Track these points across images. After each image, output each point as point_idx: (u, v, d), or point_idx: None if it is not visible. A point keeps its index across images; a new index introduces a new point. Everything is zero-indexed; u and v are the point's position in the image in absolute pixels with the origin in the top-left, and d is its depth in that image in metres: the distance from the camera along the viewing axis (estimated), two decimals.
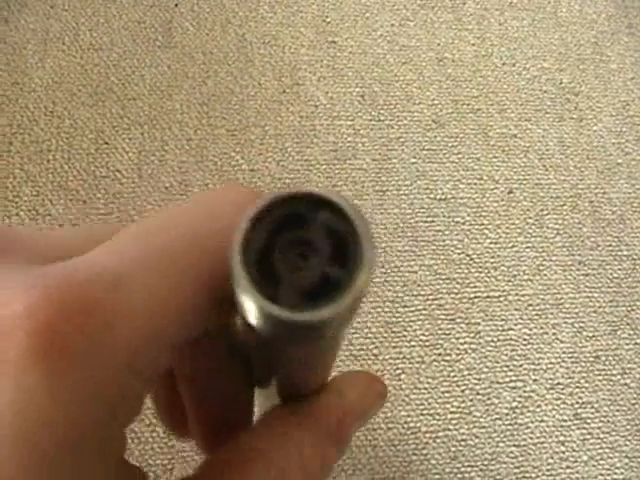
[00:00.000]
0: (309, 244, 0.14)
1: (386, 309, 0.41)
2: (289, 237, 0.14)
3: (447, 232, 0.44)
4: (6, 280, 0.14)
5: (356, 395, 0.22)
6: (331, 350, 0.18)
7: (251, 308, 0.13)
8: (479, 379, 0.40)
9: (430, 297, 0.42)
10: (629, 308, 0.43)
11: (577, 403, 0.40)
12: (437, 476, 0.38)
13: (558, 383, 0.41)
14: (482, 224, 0.44)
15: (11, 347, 0.13)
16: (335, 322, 0.14)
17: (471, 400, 0.40)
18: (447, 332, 0.41)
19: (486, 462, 0.39)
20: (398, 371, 0.40)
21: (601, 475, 0.39)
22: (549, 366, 0.41)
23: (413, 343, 0.41)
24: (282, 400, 0.21)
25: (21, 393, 0.13)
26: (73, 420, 0.13)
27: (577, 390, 0.41)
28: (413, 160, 0.46)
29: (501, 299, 0.42)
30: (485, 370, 0.41)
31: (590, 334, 0.42)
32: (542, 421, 0.40)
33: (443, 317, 0.42)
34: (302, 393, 0.20)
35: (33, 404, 0.13)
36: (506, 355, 0.41)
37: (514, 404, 0.40)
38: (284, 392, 0.21)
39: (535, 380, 0.41)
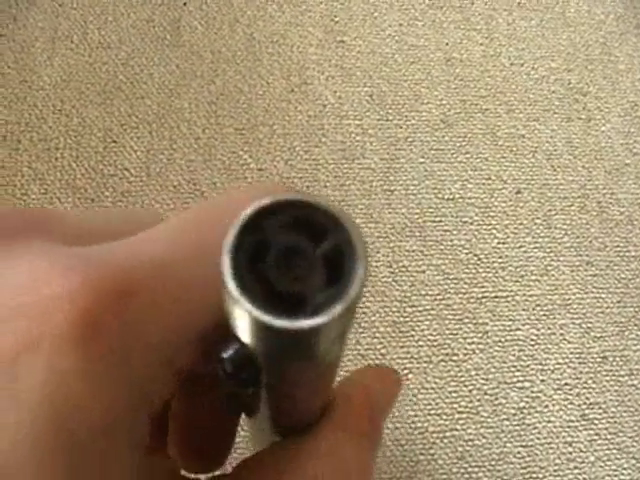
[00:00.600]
0: (309, 258, 0.13)
1: (394, 309, 0.41)
2: (283, 246, 0.13)
3: (455, 232, 0.44)
4: (42, 256, 0.14)
5: (378, 387, 0.21)
6: (326, 373, 0.18)
7: (244, 321, 0.13)
8: (487, 379, 0.40)
9: (438, 297, 0.42)
10: (637, 309, 0.43)
11: (584, 404, 0.40)
12: (444, 476, 0.38)
13: (565, 384, 0.41)
14: (490, 224, 0.44)
15: (48, 329, 0.13)
16: (327, 333, 0.14)
17: (479, 400, 0.40)
18: (455, 332, 0.41)
19: (493, 462, 0.39)
20: (406, 371, 0.40)
21: (608, 476, 0.39)
22: (556, 367, 0.41)
23: (421, 343, 0.41)
24: (277, 433, 0.20)
25: (53, 375, 0.13)
26: (105, 404, 0.13)
27: (584, 391, 0.41)
28: (421, 160, 0.46)
29: (509, 299, 0.42)
30: (493, 370, 0.41)
31: (598, 335, 0.42)
32: (549, 422, 0.40)
33: (451, 317, 0.42)
34: (299, 423, 0.19)
35: (64, 386, 0.13)
36: (514, 355, 0.41)
37: (521, 404, 0.40)
38: (279, 424, 0.20)
39: (543, 381, 0.41)
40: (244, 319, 0.13)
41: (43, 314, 0.13)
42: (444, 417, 0.39)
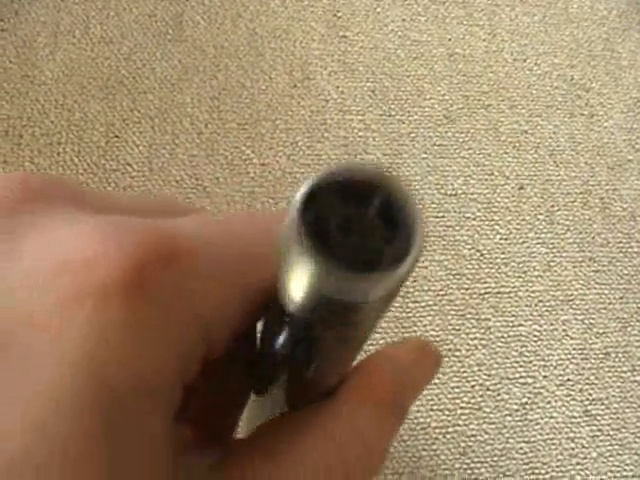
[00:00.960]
0: (365, 220, 0.14)
1: (396, 304, 0.41)
2: (345, 211, 0.14)
3: (457, 228, 0.44)
4: (86, 221, 0.14)
5: (409, 362, 0.20)
6: (360, 340, 0.18)
7: (305, 275, 0.13)
8: (489, 375, 0.40)
9: (440, 292, 0.42)
10: (639, 305, 0.43)
11: (587, 400, 0.40)
12: (447, 471, 0.38)
13: (568, 379, 0.41)
14: (493, 220, 0.44)
15: (92, 283, 0.13)
16: (380, 298, 0.14)
17: (481, 396, 0.40)
18: (457, 328, 0.41)
19: (496, 458, 0.39)
20: None
21: (610, 472, 0.39)
22: (559, 362, 0.41)
23: (423, 338, 0.41)
24: (289, 406, 0.20)
25: (95, 329, 0.13)
26: (146, 361, 0.13)
27: (587, 387, 0.41)
28: (424, 155, 0.46)
29: (511, 295, 0.42)
30: (495, 366, 0.41)
31: (600, 331, 0.42)
32: (552, 417, 0.40)
33: (453, 313, 0.42)
34: (315, 393, 0.19)
35: (105, 341, 0.13)
36: (516, 351, 0.41)
37: (524, 400, 0.40)
38: (295, 395, 0.20)
39: (545, 376, 0.41)
40: (315, 284, 0.13)
41: (87, 270, 0.13)
42: (446, 413, 0.39)
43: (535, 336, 0.42)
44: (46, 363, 0.13)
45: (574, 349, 0.42)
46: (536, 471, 0.39)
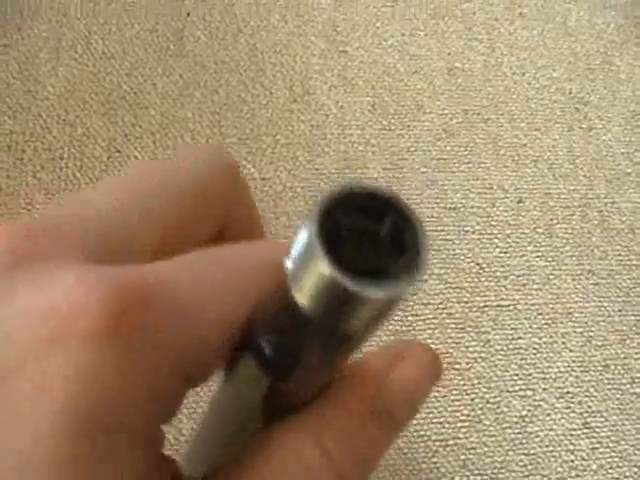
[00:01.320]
0: (375, 236, 0.15)
1: (396, 317, 0.42)
2: (356, 226, 0.14)
3: (457, 241, 0.44)
4: (74, 272, 0.15)
5: (386, 368, 0.19)
6: (347, 356, 0.18)
7: (317, 281, 0.14)
8: (489, 387, 0.41)
9: (440, 306, 0.42)
10: (638, 317, 0.43)
11: (586, 412, 0.41)
12: None
13: (567, 392, 0.41)
14: (492, 233, 0.45)
15: (77, 328, 0.14)
16: (379, 312, 0.15)
17: (481, 408, 0.40)
18: (457, 341, 0.42)
19: (495, 470, 0.39)
20: None
21: None
22: (558, 375, 0.41)
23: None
24: (265, 418, 0.19)
25: (81, 371, 0.14)
26: (124, 403, 0.15)
27: (586, 399, 0.41)
28: (423, 169, 0.46)
29: (511, 308, 0.43)
30: (495, 379, 0.41)
31: (599, 343, 0.42)
32: (551, 430, 0.40)
33: (453, 326, 0.42)
34: (294, 404, 0.19)
35: (91, 381, 0.14)
36: (516, 364, 0.41)
37: (523, 413, 0.40)
38: (271, 407, 0.19)
39: (544, 389, 0.41)
40: (317, 283, 0.14)
41: (72, 316, 0.14)
42: (446, 425, 0.40)
43: (534, 349, 0.42)
44: (37, 398, 0.14)
45: (573, 362, 0.42)
46: None
